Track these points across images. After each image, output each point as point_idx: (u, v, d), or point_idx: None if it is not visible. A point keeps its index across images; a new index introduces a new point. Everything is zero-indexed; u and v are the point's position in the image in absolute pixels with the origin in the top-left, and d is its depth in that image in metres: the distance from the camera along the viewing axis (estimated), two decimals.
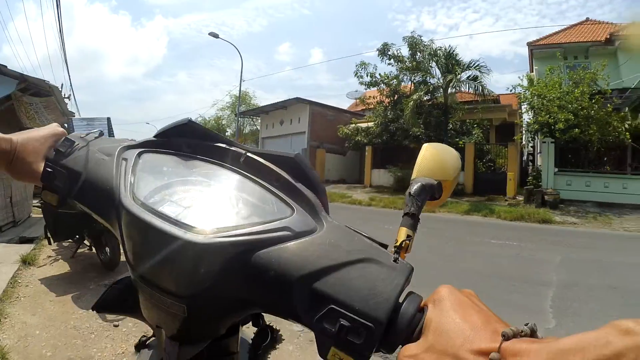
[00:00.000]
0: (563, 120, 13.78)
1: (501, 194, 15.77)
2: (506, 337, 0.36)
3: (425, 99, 18.15)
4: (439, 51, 17.98)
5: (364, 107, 23.13)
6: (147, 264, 0.53)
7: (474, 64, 17.18)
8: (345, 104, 30.50)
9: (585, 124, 13.83)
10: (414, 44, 18.55)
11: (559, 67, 15.78)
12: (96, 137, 0.71)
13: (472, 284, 5.01)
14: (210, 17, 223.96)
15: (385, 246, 0.54)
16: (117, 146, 0.67)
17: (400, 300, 0.47)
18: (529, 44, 21.00)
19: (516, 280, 5.43)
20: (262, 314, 0.67)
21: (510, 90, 17.28)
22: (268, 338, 0.69)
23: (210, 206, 0.59)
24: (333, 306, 0.46)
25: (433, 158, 0.75)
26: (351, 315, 0.45)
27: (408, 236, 0.61)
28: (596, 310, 4.42)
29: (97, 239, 5.11)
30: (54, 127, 0.73)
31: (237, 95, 29.83)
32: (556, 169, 14.82)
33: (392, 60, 19.30)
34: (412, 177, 0.72)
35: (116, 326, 3.51)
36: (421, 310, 0.46)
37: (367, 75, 19.89)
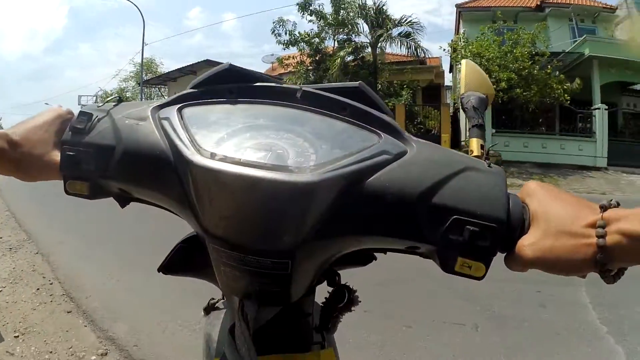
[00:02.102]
0: (505, 79, 13.29)
1: None
2: (604, 209, 0.44)
3: (349, 59, 16.88)
4: (367, 6, 16.66)
5: (283, 71, 21.19)
6: (242, 225, 0.49)
7: (405, 20, 16.11)
8: (261, 70, 28.46)
9: (525, 84, 13.50)
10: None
11: (497, 26, 15.50)
12: (115, 105, 0.62)
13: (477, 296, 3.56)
14: None
15: None
16: (146, 108, 0.60)
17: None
18: (458, 6, 20.42)
19: (529, 281, 3.63)
20: (339, 272, 0.65)
21: (444, 50, 16.90)
22: (345, 299, 0.63)
23: (297, 144, 0.54)
24: (456, 216, 0.47)
25: (477, 73, 0.80)
26: (475, 220, 0.47)
27: (481, 145, 0.69)
28: None
29: None
30: (55, 109, 0.65)
31: (141, 62, 26.61)
32: (494, 130, 14.59)
33: (313, 16, 17.49)
34: (461, 92, 0.77)
35: None
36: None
37: (286, 34, 17.91)
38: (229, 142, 0.54)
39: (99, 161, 0.55)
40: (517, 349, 2.77)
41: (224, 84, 0.62)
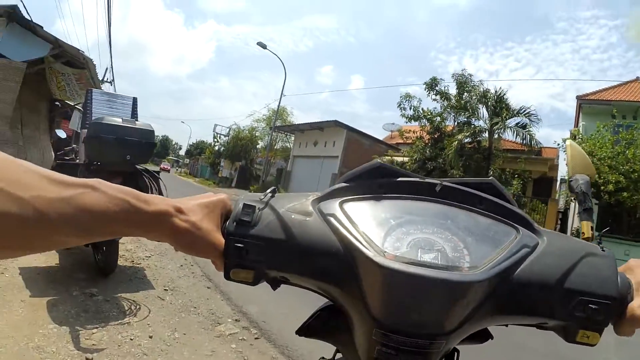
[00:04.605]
0: (613, 181, 12.60)
1: None
2: None
3: (466, 141, 17.50)
4: (488, 93, 17.46)
5: (401, 141, 22.47)
6: (414, 317, 0.54)
7: (524, 111, 16.61)
8: (379, 136, 29.65)
9: (634, 187, 12.74)
10: (463, 82, 18.01)
11: (613, 124, 14.75)
12: (272, 196, 0.65)
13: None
14: (259, 30, 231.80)
15: None
16: (305, 202, 0.65)
17: None
18: (579, 98, 19.93)
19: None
20: (458, 349, 0.70)
21: (558, 145, 16.47)
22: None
23: (449, 239, 0.61)
24: (582, 297, 0.56)
25: (581, 154, 0.84)
26: (596, 299, 0.55)
27: (591, 227, 0.80)
28: None
29: None
30: (215, 195, 0.64)
31: (275, 109, 30.17)
32: (597, 234, 13.63)
33: (438, 96, 18.63)
34: (569, 175, 0.82)
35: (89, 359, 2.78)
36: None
37: (411, 109, 19.13)
38: (393, 238, 0.59)
39: (268, 253, 0.58)
40: None
41: (373, 179, 0.69)
